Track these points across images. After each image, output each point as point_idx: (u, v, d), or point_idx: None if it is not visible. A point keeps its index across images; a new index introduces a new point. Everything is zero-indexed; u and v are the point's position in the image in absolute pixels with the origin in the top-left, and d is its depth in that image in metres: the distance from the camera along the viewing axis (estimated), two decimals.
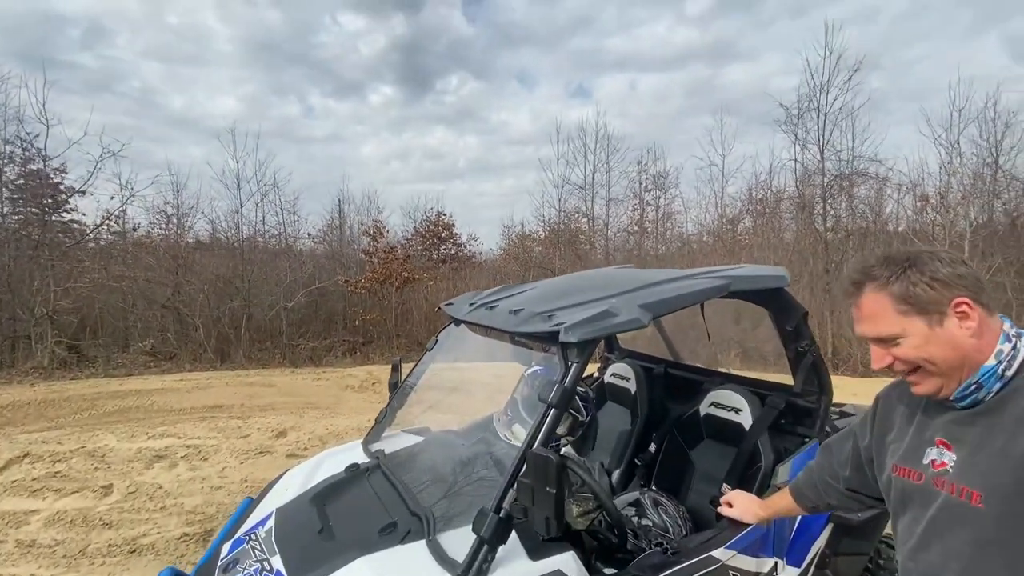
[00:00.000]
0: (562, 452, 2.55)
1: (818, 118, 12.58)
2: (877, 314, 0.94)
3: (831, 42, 12.35)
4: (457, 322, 2.24)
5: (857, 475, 1.22)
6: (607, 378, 2.88)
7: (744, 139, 31.50)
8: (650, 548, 1.86)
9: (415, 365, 2.32)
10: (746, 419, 2.09)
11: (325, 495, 1.81)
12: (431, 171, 31.83)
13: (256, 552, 1.54)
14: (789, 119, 13.08)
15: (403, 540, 1.48)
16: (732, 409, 2.16)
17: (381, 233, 14.53)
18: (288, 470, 2.14)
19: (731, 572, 1.61)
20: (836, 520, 1.90)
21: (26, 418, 7.07)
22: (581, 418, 2.09)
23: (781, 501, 1.50)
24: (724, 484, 2.06)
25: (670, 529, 1.96)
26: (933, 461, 0.96)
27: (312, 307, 14.27)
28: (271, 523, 1.69)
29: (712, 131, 18.09)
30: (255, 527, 1.72)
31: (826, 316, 11.71)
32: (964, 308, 0.90)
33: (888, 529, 2.25)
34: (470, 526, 1.37)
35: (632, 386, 2.70)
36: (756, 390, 2.19)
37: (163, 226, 13.70)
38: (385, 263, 13.74)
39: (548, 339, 1.51)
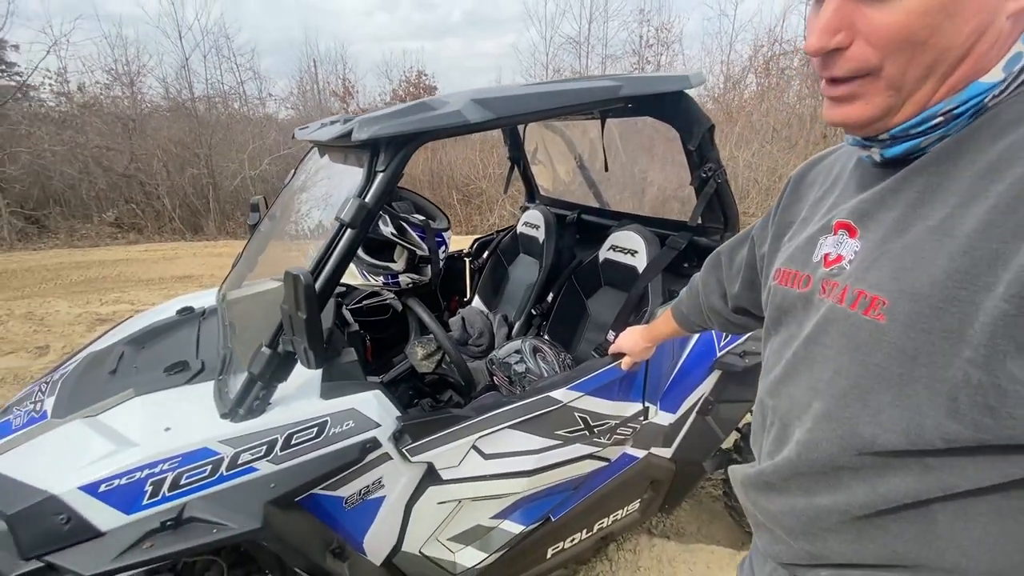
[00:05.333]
0: (471, 303, 2.35)
1: None
2: None
3: None
4: (322, 149, 1.88)
5: (749, 294, 0.88)
6: (519, 228, 2.60)
7: None
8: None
9: (274, 202, 2.00)
10: (641, 261, 1.83)
11: (145, 338, 1.62)
12: (421, 25, 28.20)
13: (36, 394, 1.37)
14: None
15: (191, 380, 1.30)
16: (629, 251, 1.90)
17: (350, 93, 13.29)
18: (143, 311, 1.94)
19: (577, 414, 1.46)
20: (722, 368, 1.74)
21: None
22: (421, 252, 1.81)
23: (664, 327, 1.23)
24: (611, 331, 1.87)
25: (546, 375, 1.82)
26: (826, 256, 0.60)
27: (284, 176, 13.60)
28: (73, 364, 1.51)
29: None
30: (63, 368, 1.55)
31: None
32: None
33: None
34: None
35: (541, 235, 2.42)
36: (660, 231, 1.91)
37: (108, 86, 12.42)
38: None
39: (344, 142, 1.17)
